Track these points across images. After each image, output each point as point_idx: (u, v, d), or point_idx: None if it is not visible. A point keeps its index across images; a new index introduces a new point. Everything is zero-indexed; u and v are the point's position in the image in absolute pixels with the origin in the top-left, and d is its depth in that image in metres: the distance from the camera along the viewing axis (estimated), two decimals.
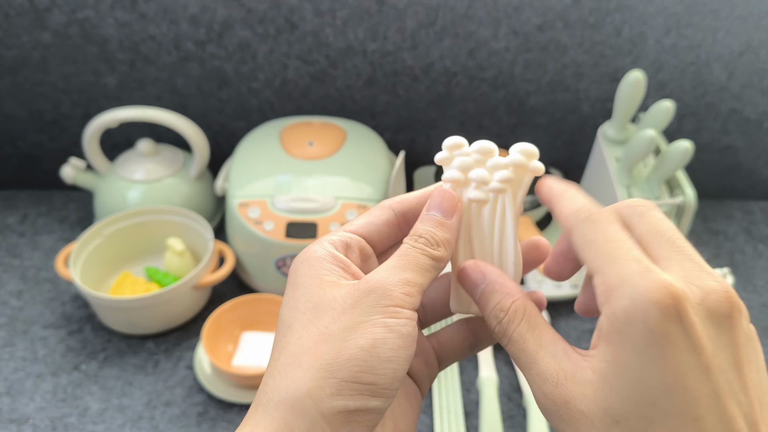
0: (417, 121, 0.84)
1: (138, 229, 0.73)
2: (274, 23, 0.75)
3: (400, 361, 0.25)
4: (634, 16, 0.74)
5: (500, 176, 0.29)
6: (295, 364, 0.25)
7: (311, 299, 0.26)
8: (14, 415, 0.60)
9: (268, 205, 0.69)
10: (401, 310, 0.26)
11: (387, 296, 0.26)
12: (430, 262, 0.27)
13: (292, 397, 0.24)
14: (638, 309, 0.22)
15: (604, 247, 0.24)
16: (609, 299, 0.23)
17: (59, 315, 0.71)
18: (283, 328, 0.27)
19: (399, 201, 0.30)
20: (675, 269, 0.23)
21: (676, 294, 0.22)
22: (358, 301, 0.26)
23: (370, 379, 0.24)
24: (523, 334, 0.26)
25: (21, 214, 0.85)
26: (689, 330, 0.21)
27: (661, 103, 0.69)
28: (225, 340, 0.66)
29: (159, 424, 0.60)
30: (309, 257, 0.28)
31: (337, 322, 0.25)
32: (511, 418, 0.62)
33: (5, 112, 0.82)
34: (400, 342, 0.25)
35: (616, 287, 0.23)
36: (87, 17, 0.74)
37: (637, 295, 0.22)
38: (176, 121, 0.74)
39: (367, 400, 0.24)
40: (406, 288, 0.26)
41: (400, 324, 0.25)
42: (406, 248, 0.28)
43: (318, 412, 0.24)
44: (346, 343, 0.25)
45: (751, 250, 0.84)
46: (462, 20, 0.75)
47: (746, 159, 0.88)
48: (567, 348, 0.25)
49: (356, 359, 0.24)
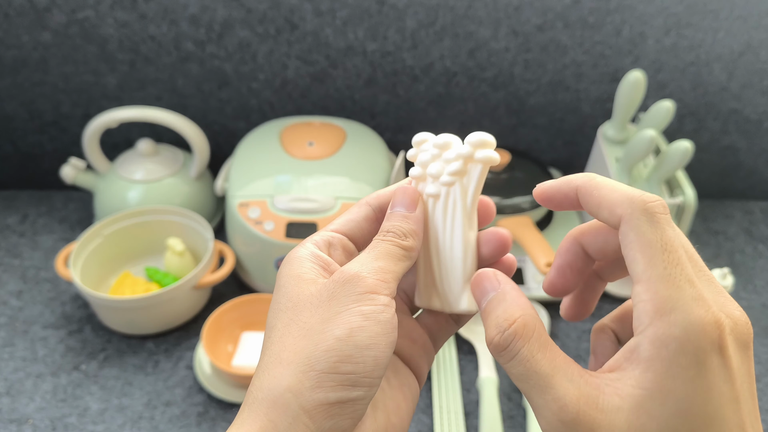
0: (417, 121, 0.84)
1: (138, 229, 0.73)
2: (274, 23, 0.75)
3: (380, 348, 0.25)
4: (634, 16, 0.74)
5: (449, 169, 0.29)
6: (276, 361, 0.25)
7: (291, 298, 0.27)
8: (14, 415, 0.60)
9: (268, 205, 0.69)
10: (377, 296, 0.26)
11: (362, 284, 0.26)
12: (401, 252, 0.28)
13: (273, 394, 0.24)
14: (690, 340, 0.21)
15: (660, 257, 0.22)
16: (655, 323, 0.21)
17: (59, 315, 0.71)
18: (268, 330, 0.27)
19: (375, 197, 0.31)
20: (706, 293, 0.22)
21: (722, 327, 0.21)
22: (334, 292, 0.26)
23: (349, 369, 0.24)
24: (534, 353, 0.24)
25: (21, 214, 0.85)
26: (727, 361, 0.21)
27: (661, 103, 0.69)
28: (225, 340, 0.66)
29: (159, 424, 0.60)
30: (291, 258, 0.28)
31: (314, 316, 0.25)
32: (511, 418, 0.62)
33: (5, 112, 0.82)
34: (378, 329, 0.25)
35: (668, 312, 0.21)
36: (87, 17, 0.74)
37: (690, 325, 0.21)
38: (176, 121, 0.74)
39: (348, 391, 0.24)
40: (381, 274, 0.26)
41: (377, 311, 0.25)
42: (377, 242, 0.28)
43: (299, 407, 0.24)
44: (324, 335, 0.25)
45: (751, 250, 0.84)
46: (462, 20, 0.75)
47: (746, 159, 0.88)
48: (581, 371, 0.23)
49: (334, 350, 0.24)
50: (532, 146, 0.87)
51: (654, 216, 0.23)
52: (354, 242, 0.30)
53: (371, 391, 0.25)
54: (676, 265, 0.22)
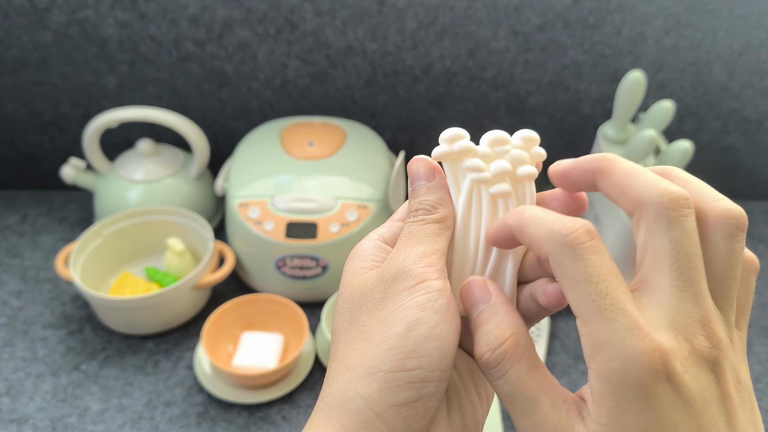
0: (417, 121, 0.84)
1: (138, 229, 0.73)
2: (274, 23, 0.75)
3: (443, 337, 0.24)
4: (634, 16, 0.74)
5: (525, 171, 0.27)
6: (343, 367, 0.25)
7: (346, 298, 0.27)
8: (14, 415, 0.60)
9: (268, 205, 0.69)
10: (429, 284, 0.25)
11: (410, 276, 0.25)
12: (435, 227, 0.27)
13: (344, 400, 0.24)
14: (629, 373, 0.20)
15: (587, 290, 0.21)
16: (596, 357, 0.21)
17: (59, 315, 0.71)
18: (333, 334, 0.27)
19: None
20: (666, 307, 0.21)
21: (665, 354, 0.20)
22: (386, 292, 0.25)
23: (415, 364, 0.23)
24: (523, 375, 0.23)
25: (21, 214, 0.85)
26: (680, 389, 0.20)
27: (661, 103, 0.69)
28: (225, 340, 0.66)
29: (159, 424, 0.60)
30: (355, 252, 0.28)
31: (372, 318, 0.25)
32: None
33: (5, 112, 0.82)
34: (437, 318, 0.24)
35: (603, 346, 0.21)
36: (87, 17, 0.74)
37: (626, 358, 0.20)
38: (176, 121, 0.74)
39: (417, 389, 0.24)
40: (425, 260, 0.25)
41: (432, 299, 0.24)
42: (406, 226, 0.27)
43: (371, 411, 0.24)
44: (384, 334, 0.24)
45: (751, 250, 0.84)
46: (462, 20, 0.75)
47: (746, 159, 0.88)
48: (566, 395, 0.23)
49: (396, 347, 0.24)
50: None
51: (575, 249, 0.21)
52: None
53: (441, 386, 0.24)
54: (605, 296, 0.21)
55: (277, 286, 0.71)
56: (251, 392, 0.62)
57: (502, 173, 0.27)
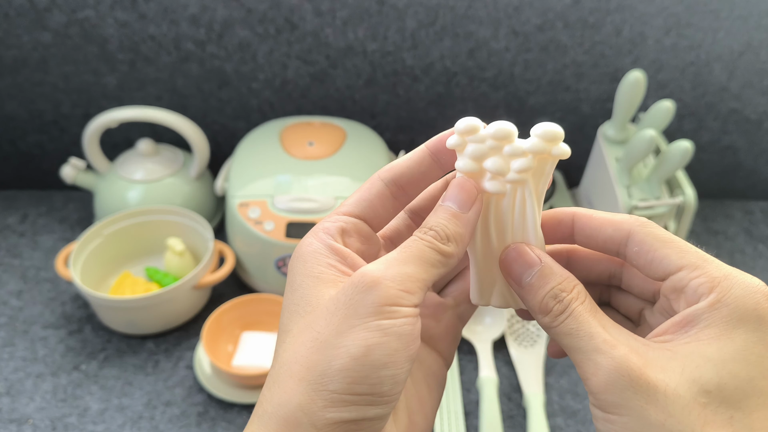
0: (417, 121, 0.84)
1: (138, 229, 0.73)
2: (274, 23, 0.75)
3: (398, 365, 0.23)
4: (634, 16, 0.74)
5: (518, 166, 0.26)
6: (287, 373, 0.23)
7: (309, 301, 0.25)
8: (14, 415, 0.60)
9: (268, 205, 0.69)
10: (398, 309, 0.23)
11: (382, 293, 0.23)
12: (437, 257, 0.25)
13: (284, 410, 0.23)
14: (751, 297, 0.23)
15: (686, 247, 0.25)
16: (715, 288, 0.23)
17: (59, 315, 0.71)
18: (282, 333, 0.25)
19: (388, 170, 0.28)
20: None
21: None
22: (351, 299, 0.23)
23: (365, 390, 0.22)
24: (584, 313, 0.25)
25: (21, 214, 0.85)
26: None
27: (661, 103, 0.69)
28: (225, 340, 0.66)
29: (159, 424, 0.60)
30: (304, 252, 0.26)
31: (329, 326, 0.23)
32: (511, 418, 0.62)
33: (5, 112, 0.82)
34: (397, 344, 0.23)
35: (723, 279, 0.23)
36: (87, 17, 0.74)
37: (748, 286, 0.23)
38: (176, 121, 0.74)
39: (365, 410, 0.23)
40: (406, 284, 0.23)
41: (396, 325, 0.23)
42: (412, 240, 0.25)
43: (311, 425, 0.22)
44: (337, 350, 0.22)
45: (751, 250, 0.84)
46: (462, 20, 0.75)
47: (746, 159, 0.88)
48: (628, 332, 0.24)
49: (347, 369, 0.22)
50: None
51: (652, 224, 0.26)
52: (370, 224, 0.27)
53: (390, 407, 0.23)
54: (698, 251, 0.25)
55: (277, 286, 0.71)
56: (251, 392, 0.62)
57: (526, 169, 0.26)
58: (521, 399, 0.63)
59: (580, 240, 0.28)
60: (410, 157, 0.28)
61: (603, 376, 0.23)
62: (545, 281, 0.25)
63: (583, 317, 0.24)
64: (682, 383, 0.22)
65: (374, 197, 0.27)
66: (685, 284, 0.24)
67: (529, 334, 0.69)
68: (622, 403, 0.22)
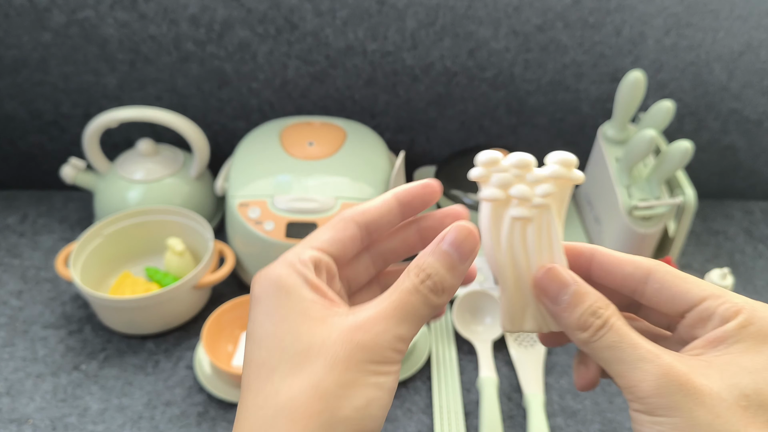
0: (417, 121, 0.84)
1: (138, 229, 0.73)
2: (274, 23, 0.75)
3: (387, 411, 0.26)
4: (634, 16, 0.74)
5: (542, 191, 0.28)
6: (288, 418, 0.24)
7: (300, 339, 0.25)
8: (14, 415, 0.60)
9: (268, 205, 0.69)
10: (391, 367, 0.26)
11: (380, 354, 0.25)
12: (429, 313, 0.27)
13: None
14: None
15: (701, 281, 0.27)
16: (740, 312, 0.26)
17: (59, 315, 0.71)
18: (267, 369, 0.25)
19: (361, 213, 0.29)
20: None
21: None
22: (351, 355, 0.25)
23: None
24: (623, 327, 0.27)
25: (21, 214, 0.85)
26: None
27: (661, 103, 0.69)
28: (225, 340, 0.66)
29: (159, 424, 0.60)
30: (285, 283, 0.26)
31: (330, 375, 0.24)
32: (511, 418, 0.62)
33: (5, 112, 0.82)
34: (388, 398, 0.26)
35: (745, 304, 0.26)
36: (87, 17, 0.74)
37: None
38: (176, 121, 0.74)
39: None
40: (400, 345, 0.26)
41: (389, 381, 0.26)
42: (410, 290, 0.26)
43: None
44: (342, 401, 0.24)
45: (751, 250, 0.84)
46: (462, 20, 0.75)
47: (746, 159, 0.88)
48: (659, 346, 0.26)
49: (352, 419, 0.24)
50: (532, 146, 0.87)
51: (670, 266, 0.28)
52: (337, 263, 0.29)
53: None
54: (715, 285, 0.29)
55: None
56: None
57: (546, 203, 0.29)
58: (521, 399, 0.63)
59: (597, 274, 0.30)
60: (380, 204, 0.30)
61: (652, 382, 0.24)
62: (582, 299, 0.27)
63: (624, 330, 0.26)
64: (724, 388, 0.24)
65: (347, 239, 0.29)
66: (711, 312, 0.26)
67: (528, 335, 0.69)
68: (672, 406, 0.24)
